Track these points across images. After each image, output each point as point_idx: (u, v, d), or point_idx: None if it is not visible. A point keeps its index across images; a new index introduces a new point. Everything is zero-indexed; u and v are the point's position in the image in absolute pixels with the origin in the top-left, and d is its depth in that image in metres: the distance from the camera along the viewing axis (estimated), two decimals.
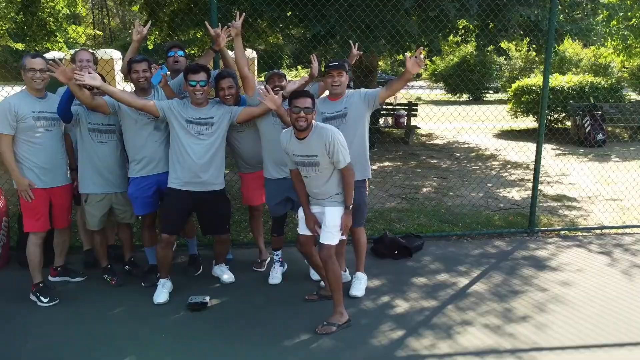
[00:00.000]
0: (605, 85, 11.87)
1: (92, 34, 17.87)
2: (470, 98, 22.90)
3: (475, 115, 11.45)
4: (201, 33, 10.77)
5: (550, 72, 5.09)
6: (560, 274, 4.16)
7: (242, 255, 4.55)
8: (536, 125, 12.83)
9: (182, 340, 3.16)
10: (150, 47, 13.48)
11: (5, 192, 4.58)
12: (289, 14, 7.42)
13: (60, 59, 21.66)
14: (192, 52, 13.99)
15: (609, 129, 12.10)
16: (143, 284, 3.92)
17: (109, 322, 3.41)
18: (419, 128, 11.86)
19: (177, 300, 3.67)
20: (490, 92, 24.27)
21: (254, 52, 18.90)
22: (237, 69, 3.79)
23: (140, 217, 4.05)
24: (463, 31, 7.70)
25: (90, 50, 4.08)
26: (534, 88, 12.03)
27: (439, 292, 3.85)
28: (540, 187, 7.21)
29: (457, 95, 23.60)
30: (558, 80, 12.04)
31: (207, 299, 3.62)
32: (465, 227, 5.34)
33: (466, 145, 11.05)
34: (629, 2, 11.51)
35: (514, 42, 8.61)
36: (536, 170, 5.10)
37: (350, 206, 3.27)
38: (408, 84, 3.87)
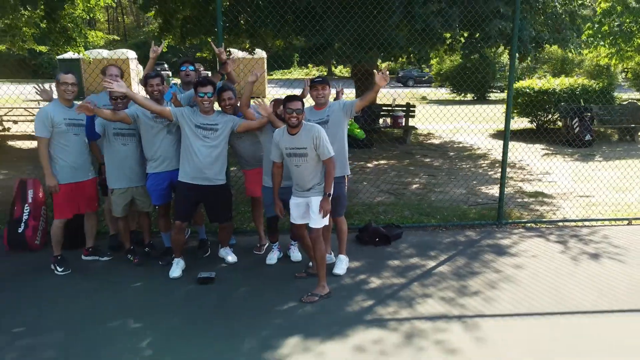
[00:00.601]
0: (597, 88, 12.41)
1: (109, 38, 18.68)
2: (475, 97, 23.42)
3: (473, 115, 12.11)
4: (211, 38, 11.45)
5: (515, 78, 5.73)
6: (516, 259, 4.84)
7: (244, 241, 5.28)
8: (531, 126, 13.49)
9: (193, 307, 3.90)
10: (165, 50, 14.24)
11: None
12: (290, 26, 8.14)
13: (77, 59, 22.46)
14: (205, 55, 14.76)
15: (601, 129, 12.68)
16: (160, 263, 4.67)
17: (132, 292, 4.17)
18: (416, 128, 12.50)
19: (189, 275, 4.42)
20: (496, 91, 24.77)
21: (264, 52, 19.62)
22: (242, 98, 4.52)
23: (156, 207, 4.79)
24: (450, 40, 8.35)
25: (115, 65, 4.81)
26: (527, 90, 12.60)
27: (408, 272, 4.54)
28: (520, 184, 7.94)
29: (462, 94, 24.14)
30: (551, 83, 12.61)
31: (214, 274, 4.36)
32: (442, 219, 6.02)
33: (460, 145, 11.69)
34: (619, 8, 12.04)
35: (496, 50, 9.19)
36: (503, 169, 5.79)
37: (330, 193, 3.97)
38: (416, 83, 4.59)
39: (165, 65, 41.67)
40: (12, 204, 5.22)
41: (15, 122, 11.76)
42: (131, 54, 24.87)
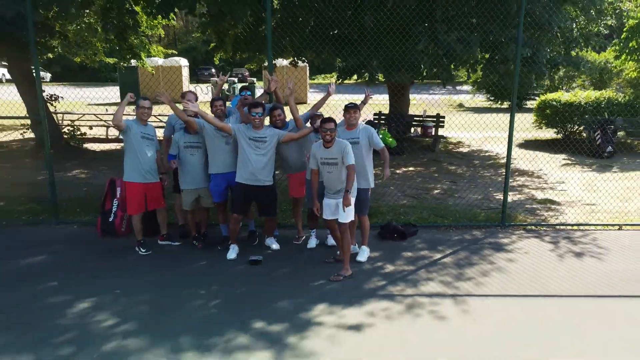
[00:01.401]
0: (622, 101, 12.96)
1: (168, 52, 20.33)
2: (505, 106, 23.86)
3: (504, 124, 12.89)
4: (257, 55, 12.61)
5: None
6: (510, 255, 5.80)
7: (285, 233, 6.44)
8: (557, 136, 14.11)
9: (245, 282, 5.09)
10: (217, 62, 15.66)
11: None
12: (330, 48, 9.30)
13: (135, 67, 24.28)
14: (252, 67, 16.09)
15: (628, 140, 13.21)
16: (219, 248, 5.90)
17: (198, 268, 5.40)
18: (445, 137, 13.40)
19: (241, 258, 5.62)
20: (534, 99, 25.10)
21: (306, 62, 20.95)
22: (292, 113, 5.71)
23: (215, 204, 6.01)
24: (472, 62, 9.26)
25: (192, 91, 6.04)
26: (554, 103, 13.28)
27: (417, 262, 5.59)
28: (533, 191, 8.80)
29: (499, 102, 24.61)
30: (577, 95, 13.25)
31: (261, 258, 5.54)
32: (454, 220, 7.00)
33: (486, 154, 12.52)
34: None
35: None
36: (506, 177, 6.72)
37: (349, 190, 5.03)
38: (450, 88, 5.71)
39: (213, 70, 43.71)
40: (103, 198, 6.56)
41: (90, 127, 13.38)
42: (184, 62, 26.70)
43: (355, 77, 10.25)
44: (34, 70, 7.03)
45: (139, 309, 4.50)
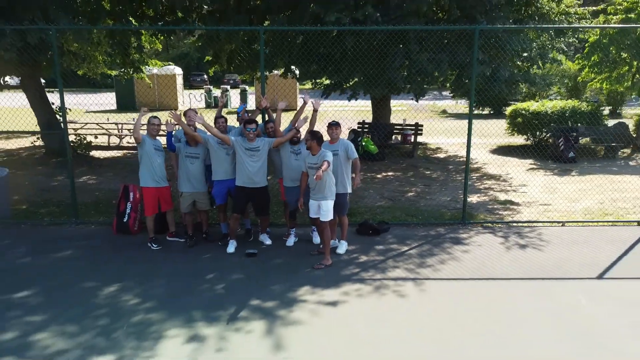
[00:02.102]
0: (585, 110, 14.15)
1: (165, 64, 21.22)
2: (491, 112, 25.09)
3: (481, 131, 14.07)
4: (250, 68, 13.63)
5: (472, 110, 7.71)
6: (465, 247, 6.88)
7: (276, 231, 7.47)
8: (528, 142, 15.26)
9: (243, 270, 6.12)
10: (211, 74, 16.65)
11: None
12: (315, 66, 10.39)
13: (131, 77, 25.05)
14: (245, 78, 17.13)
15: (592, 146, 14.39)
16: (220, 243, 6.92)
17: (203, 260, 6.42)
18: (423, 144, 14.52)
19: (239, 251, 6.64)
20: (513, 103, 26.35)
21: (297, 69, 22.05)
22: (275, 127, 6.76)
23: (216, 206, 7.03)
24: (442, 79, 10.34)
25: (193, 109, 7.07)
26: (523, 112, 14.45)
27: (387, 253, 6.65)
28: (497, 193, 9.90)
29: (480, 108, 25.82)
30: (545, 105, 14.42)
31: (256, 251, 6.58)
32: (423, 218, 8.08)
33: (461, 159, 13.62)
34: (604, 40, 13.79)
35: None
36: (465, 181, 7.80)
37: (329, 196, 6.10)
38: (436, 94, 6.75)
39: (205, 76, 44.58)
40: (118, 201, 7.56)
41: (95, 136, 14.33)
42: (178, 70, 27.67)
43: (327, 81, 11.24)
44: (42, 88, 7.95)
45: (156, 291, 5.52)
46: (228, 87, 28.95)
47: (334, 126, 6.59)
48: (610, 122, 15.00)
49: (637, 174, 11.37)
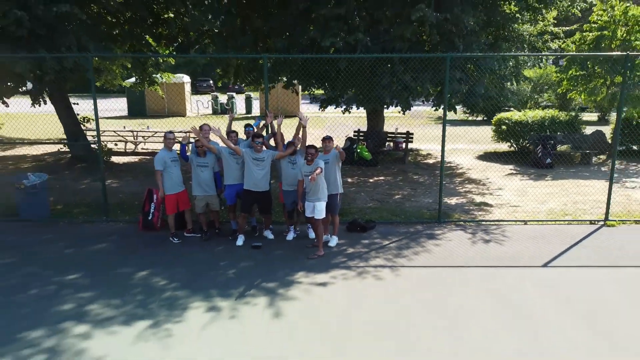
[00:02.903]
0: (563, 119, 15.37)
1: (174, 76, 22.59)
2: (484, 118, 26.31)
3: (470, 137, 15.27)
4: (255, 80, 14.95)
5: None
6: (437, 241, 8.12)
7: (277, 228, 8.73)
8: (511, 149, 16.47)
9: (250, 259, 7.39)
10: (219, 85, 17.97)
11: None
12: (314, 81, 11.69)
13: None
14: (251, 88, 18.41)
15: (571, 152, 15.58)
16: (230, 238, 8.19)
17: (217, 251, 7.70)
18: (414, 150, 15.77)
19: (246, 244, 7.92)
20: (508, 110, 27.59)
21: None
22: (276, 142, 8.04)
23: (226, 206, 8.29)
24: (425, 95, 11.60)
25: (207, 124, 8.34)
26: (506, 121, 15.67)
27: (371, 246, 7.91)
28: (474, 196, 11.11)
29: (475, 115, 27.03)
30: (527, 115, 15.65)
31: (261, 244, 7.85)
32: (405, 217, 9.33)
33: (448, 165, 14.87)
34: (580, 58, 15.03)
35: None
36: (440, 185, 9.04)
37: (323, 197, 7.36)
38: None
39: (211, 82, 45.96)
40: (143, 202, 8.83)
41: (115, 144, 15.66)
42: (186, 78, 29.02)
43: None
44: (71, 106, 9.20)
45: (179, 275, 6.80)
46: (234, 93, 30.28)
47: (327, 140, 7.85)
48: (590, 130, 16.21)
49: (604, 179, 12.57)
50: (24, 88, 11.63)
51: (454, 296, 6.18)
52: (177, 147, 8.31)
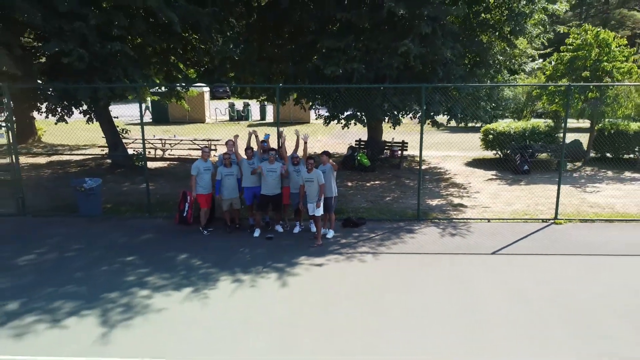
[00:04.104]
0: (542, 130, 17.27)
1: (196, 93, 24.85)
2: (481, 126, 28.14)
3: (462, 144, 17.19)
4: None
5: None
6: (414, 234, 10.16)
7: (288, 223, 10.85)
8: (495, 156, 18.38)
9: (264, 247, 9.53)
10: (235, 100, 20.18)
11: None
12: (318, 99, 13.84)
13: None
14: (264, 99, 20.57)
15: (550, 158, 17.47)
16: (248, 231, 10.33)
17: (238, 240, 9.85)
18: (410, 157, 17.78)
19: (262, 236, 10.05)
20: (507, 118, 29.40)
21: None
22: (283, 157, 10.18)
23: (245, 206, 10.43)
24: (412, 113, 13.61)
25: (232, 139, 10.48)
26: (492, 131, 17.62)
27: (359, 238, 9.98)
28: (454, 198, 13.11)
29: (474, 122, 28.87)
30: (510, 126, 17.57)
31: (273, 235, 9.99)
32: (390, 216, 11.38)
33: (438, 171, 16.86)
34: (558, 74, 16.93)
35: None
36: (419, 188, 11.08)
37: (321, 199, 9.45)
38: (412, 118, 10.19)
39: (227, 87, 48.26)
40: (179, 202, 11.00)
41: (149, 152, 17.91)
42: (206, 88, 31.31)
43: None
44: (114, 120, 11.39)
45: (210, 257, 8.94)
46: (249, 101, 32.50)
47: (324, 156, 9.92)
48: (569, 139, 18.08)
49: (571, 184, 14.49)
50: (81, 108, 13.88)
51: (416, 273, 8.25)
52: (212, 159, 10.46)
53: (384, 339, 6.30)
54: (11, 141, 10.97)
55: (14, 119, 11.00)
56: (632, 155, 17.64)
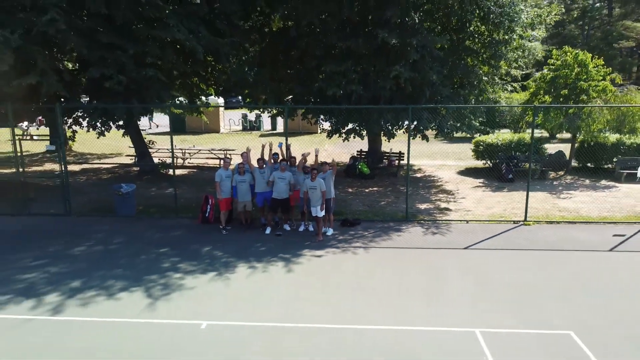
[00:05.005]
0: (528, 142, 18.98)
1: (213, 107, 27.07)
2: (478, 135, 29.85)
3: (457, 154, 18.93)
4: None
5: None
6: (401, 233, 11.96)
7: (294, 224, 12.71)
8: (485, 165, 20.10)
9: (273, 242, 11.40)
10: (249, 112, 22.17)
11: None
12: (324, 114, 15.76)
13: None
14: (274, 114, 22.51)
15: (536, 167, 19.15)
16: (261, 229, 12.21)
17: (252, 237, 11.73)
18: (404, 167, 19.57)
19: (272, 233, 11.92)
20: (505, 129, 31.13)
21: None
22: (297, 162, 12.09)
23: (257, 208, 12.31)
24: (404, 128, 15.44)
25: (246, 151, 12.38)
26: (481, 143, 19.38)
27: (354, 235, 11.81)
28: (442, 203, 14.90)
29: (472, 133, 30.60)
30: (498, 138, 19.32)
31: (281, 233, 11.86)
32: (382, 217, 13.19)
33: (432, 178, 18.64)
34: (541, 91, 18.69)
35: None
36: (406, 192, 12.88)
37: (323, 203, 11.31)
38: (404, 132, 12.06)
39: (240, 97, 50.36)
40: (202, 204, 12.91)
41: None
42: (221, 101, 33.44)
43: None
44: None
45: (229, 250, 10.82)
46: (258, 112, 34.56)
47: (326, 165, 11.81)
48: (553, 149, 19.78)
49: (548, 191, 16.20)
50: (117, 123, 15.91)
51: (399, 262, 10.06)
52: (232, 167, 12.38)
53: (368, 310, 8.11)
54: (61, 153, 12.98)
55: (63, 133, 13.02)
56: (610, 165, 19.28)
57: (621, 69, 66.62)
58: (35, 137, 21.42)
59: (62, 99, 14.01)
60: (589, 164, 19.46)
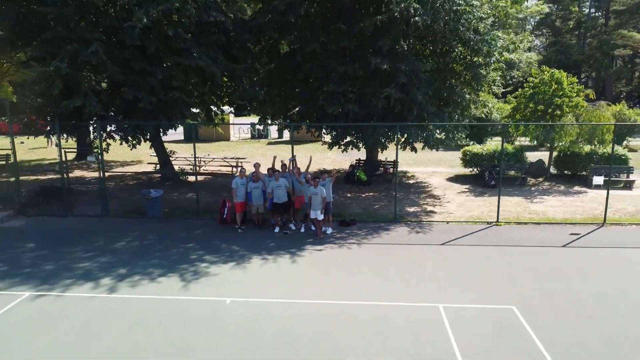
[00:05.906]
0: (510, 151, 21.07)
1: (227, 117, 29.38)
2: (473, 143, 31.93)
3: (449, 161, 21.00)
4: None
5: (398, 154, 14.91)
6: (389, 232, 14.08)
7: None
8: (472, 172, 22.19)
9: (281, 240, 13.57)
10: (254, 118, 24.31)
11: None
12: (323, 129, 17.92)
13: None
14: (282, 127, 24.74)
15: (518, 174, 21.21)
16: (271, 228, 14.38)
17: (263, 235, 13.91)
18: (402, 172, 21.68)
19: (280, 232, 14.08)
20: (491, 137, 33.21)
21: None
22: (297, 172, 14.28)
23: (268, 210, 14.47)
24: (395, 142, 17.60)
25: (258, 163, 14.57)
26: (468, 152, 21.48)
27: (350, 233, 13.94)
28: (428, 206, 17.03)
29: (467, 140, 32.66)
30: (483, 148, 21.40)
31: (288, 231, 14.03)
32: (375, 219, 15.31)
33: (423, 184, 20.75)
34: (521, 106, 20.76)
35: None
36: (395, 197, 15.01)
37: (324, 208, 13.48)
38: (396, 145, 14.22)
39: (248, 108, 52.59)
40: (220, 207, 15.09)
41: (191, 168, 22.16)
42: (232, 117, 35.75)
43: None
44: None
45: (245, 245, 12.99)
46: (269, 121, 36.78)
47: (325, 174, 13.99)
48: (534, 158, 21.85)
49: (522, 196, 18.28)
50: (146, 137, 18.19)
51: (385, 255, 12.19)
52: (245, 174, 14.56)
53: (357, 290, 10.24)
54: (101, 163, 15.22)
55: (101, 144, 15.27)
56: (585, 173, 21.33)
57: (617, 78, 68.50)
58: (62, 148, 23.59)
59: (96, 117, 16.28)
60: (566, 172, 21.57)
